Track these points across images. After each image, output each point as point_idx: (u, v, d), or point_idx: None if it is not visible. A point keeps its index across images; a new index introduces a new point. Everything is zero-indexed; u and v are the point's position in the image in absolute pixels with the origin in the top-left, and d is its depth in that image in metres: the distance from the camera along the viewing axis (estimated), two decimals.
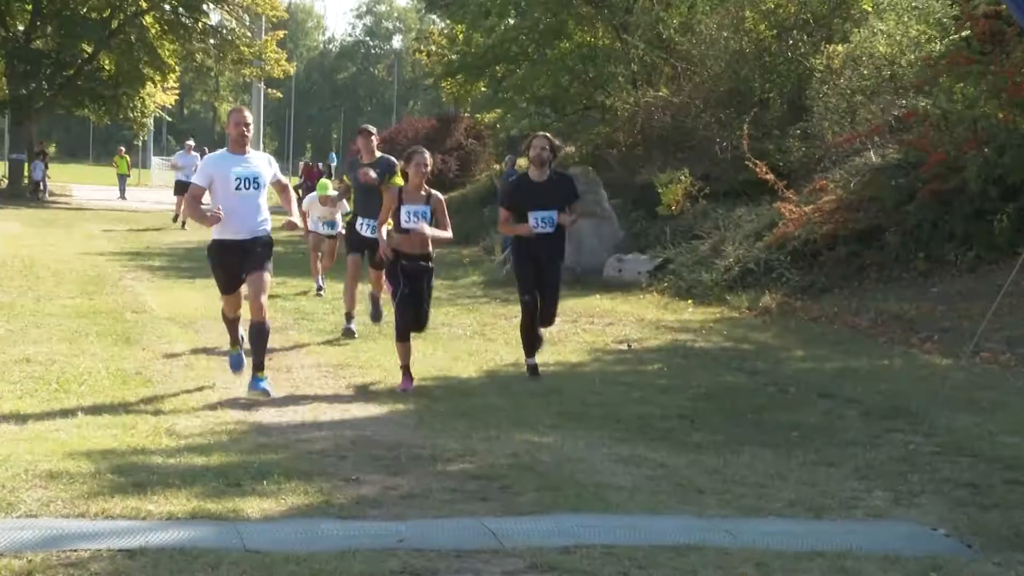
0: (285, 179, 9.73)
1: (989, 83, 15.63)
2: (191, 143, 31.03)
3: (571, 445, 7.99)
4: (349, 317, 12.80)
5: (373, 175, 12.24)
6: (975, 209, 15.43)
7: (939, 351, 12.37)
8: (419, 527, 5.92)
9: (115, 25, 42.08)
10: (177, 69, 45.84)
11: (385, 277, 10.36)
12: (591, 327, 14.21)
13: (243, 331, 9.85)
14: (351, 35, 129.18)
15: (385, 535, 5.73)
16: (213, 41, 44.66)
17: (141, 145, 71.27)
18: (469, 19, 32.50)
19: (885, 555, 5.76)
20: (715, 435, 8.57)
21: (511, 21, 31.99)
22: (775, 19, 24.02)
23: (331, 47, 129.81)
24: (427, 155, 10.12)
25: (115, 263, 20.14)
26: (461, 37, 36.17)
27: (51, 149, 51.31)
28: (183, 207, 22.17)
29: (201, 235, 27.47)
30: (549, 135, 11.17)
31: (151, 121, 55.86)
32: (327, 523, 5.97)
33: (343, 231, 15.07)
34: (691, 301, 16.83)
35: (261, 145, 50.96)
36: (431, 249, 10.07)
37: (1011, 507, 6.78)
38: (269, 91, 51.29)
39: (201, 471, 6.84)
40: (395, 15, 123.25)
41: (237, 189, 9.21)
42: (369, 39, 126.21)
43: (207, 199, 9.50)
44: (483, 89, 34.87)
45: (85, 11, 42.26)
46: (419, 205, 9.92)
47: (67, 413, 8.33)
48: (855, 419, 9.26)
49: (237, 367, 9.82)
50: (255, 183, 9.26)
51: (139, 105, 45.23)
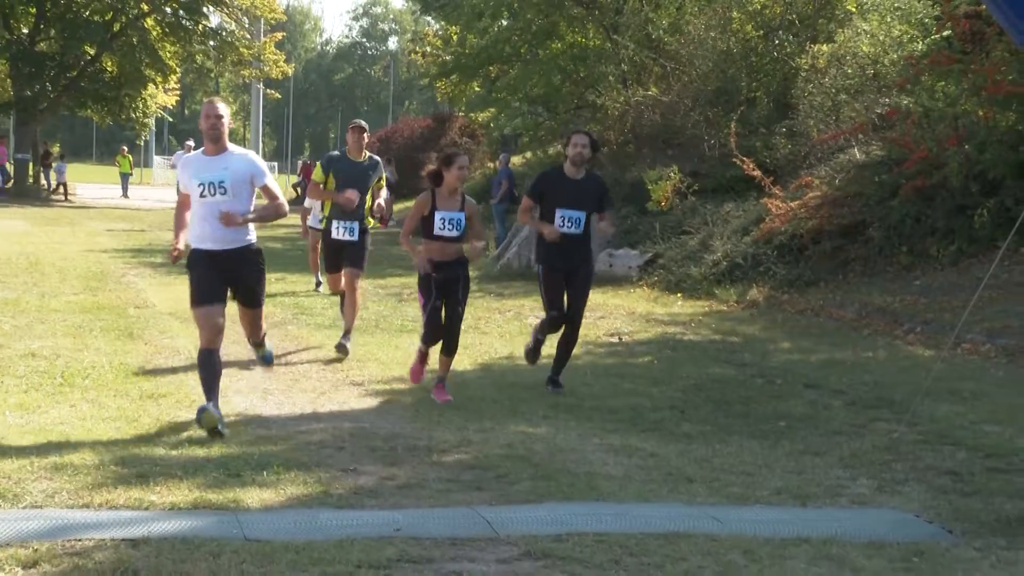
0: (276, 188, 8.18)
1: (970, 81, 15.65)
2: (191, 143, 30.99)
3: (564, 436, 8.00)
4: (346, 332, 11.29)
5: (355, 200, 10.97)
6: (956, 204, 15.46)
7: (922, 342, 12.41)
8: (415, 516, 5.92)
9: (117, 28, 42.03)
10: (178, 70, 45.82)
11: (419, 292, 9.28)
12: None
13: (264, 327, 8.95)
14: (348, 36, 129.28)
15: (382, 524, 5.73)
16: (213, 43, 44.67)
17: (143, 145, 71.43)
18: (463, 20, 32.53)
19: (869, 541, 5.78)
20: (704, 425, 8.59)
21: (504, 22, 31.97)
22: (761, 20, 24.08)
23: (328, 48, 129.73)
24: (466, 158, 9.20)
25: (118, 260, 20.09)
26: (455, 38, 36.21)
27: (55, 149, 51.12)
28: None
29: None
30: (591, 132, 10.21)
31: (153, 121, 55.90)
32: (326, 513, 5.97)
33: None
34: (680, 295, 16.86)
35: (260, 144, 50.80)
36: (465, 253, 9.19)
37: (991, 494, 6.80)
38: (268, 91, 51.21)
39: (202, 462, 6.84)
40: (391, 17, 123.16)
41: (202, 196, 7.81)
42: (365, 40, 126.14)
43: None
44: (477, 89, 34.89)
45: (88, 14, 42.25)
46: (454, 212, 8.95)
47: (71, 406, 8.32)
48: (840, 409, 9.29)
49: (268, 361, 9.28)
50: (222, 188, 7.78)
51: (141, 106, 45.22)
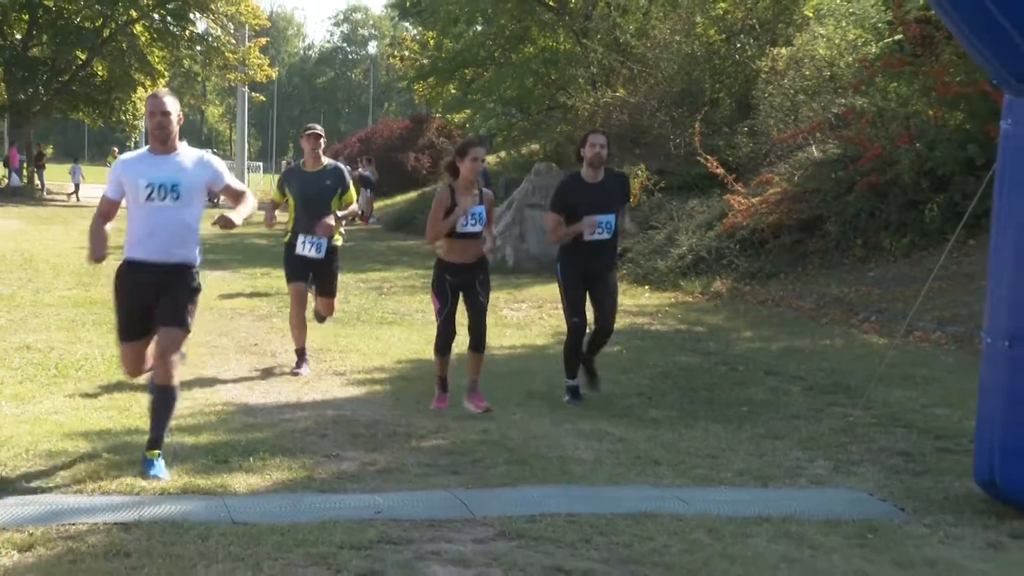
0: (238, 184, 6.96)
1: (920, 83, 15.73)
2: (184, 143, 30.75)
3: (537, 422, 8.00)
4: (301, 354, 9.90)
5: (330, 231, 9.77)
6: (908, 199, 15.55)
7: (876, 331, 12.47)
8: (395, 499, 5.92)
9: (107, 33, 41.79)
10: (166, 74, 45.57)
11: (432, 295, 8.61)
12: (556, 312, 14.15)
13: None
14: (329, 41, 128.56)
15: (364, 507, 5.72)
16: (200, 48, 44.49)
17: (133, 146, 70.60)
18: (439, 26, 32.52)
19: (826, 519, 5.80)
20: (670, 411, 8.61)
21: (479, 27, 31.97)
22: (724, 24, 24.14)
23: (311, 53, 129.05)
24: (482, 148, 8.37)
25: (110, 257, 19.92)
26: (432, 43, 36.16)
27: (49, 151, 50.76)
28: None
29: (202, 228, 27.39)
30: (605, 132, 9.45)
31: (142, 124, 55.46)
32: (309, 496, 5.96)
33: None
34: (648, 287, 16.90)
35: (245, 146, 50.57)
36: (484, 253, 8.48)
37: (941, 473, 6.85)
38: (253, 94, 51.05)
39: (191, 449, 6.81)
40: (370, 22, 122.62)
41: (149, 199, 6.52)
42: (346, 45, 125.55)
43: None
44: (453, 91, 34.84)
45: (79, 20, 42.00)
46: (473, 206, 8.26)
47: (65, 396, 8.28)
48: (799, 395, 9.32)
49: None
50: (174, 192, 6.53)
51: (131, 108, 45.04)
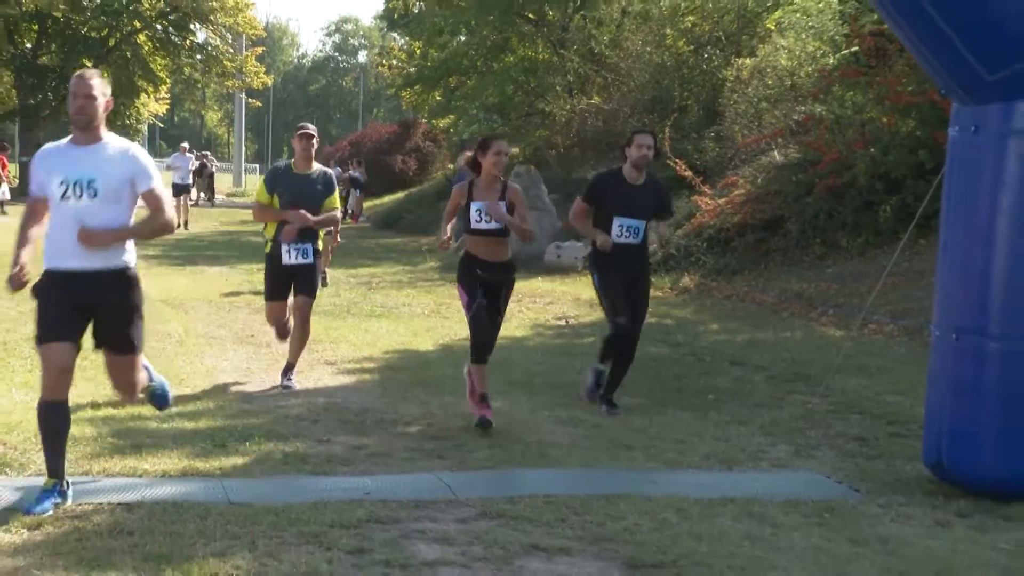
0: (162, 194, 5.55)
1: (874, 92, 15.78)
2: (186, 145, 30.54)
3: (517, 409, 8.01)
4: (288, 368, 8.77)
5: (307, 219, 8.37)
6: (864, 201, 15.59)
7: (833, 324, 12.50)
8: (383, 481, 5.91)
9: (112, 43, 41.55)
10: (168, 81, 45.39)
11: (458, 286, 7.54)
12: (534, 306, 14.22)
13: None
14: (322, 51, 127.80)
15: (353, 489, 5.72)
16: (200, 57, 44.26)
17: None
18: (425, 36, 32.54)
19: (787, 500, 5.83)
20: (641, 399, 8.62)
21: (462, 38, 31.92)
22: (692, 36, 24.18)
23: (304, 61, 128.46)
24: (505, 142, 7.52)
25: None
26: (418, 52, 36.08)
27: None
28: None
29: (202, 225, 27.23)
30: (653, 132, 8.63)
31: (145, 127, 55.20)
32: (302, 479, 5.96)
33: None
34: None
35: (243, 149, 50.39)
36: (511, 255, 7.53)
37: (893, 456, 6.89)
38: (250, 100, 50.96)
39: (191, 434, 6.79)
40: (360, 33, 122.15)
41: (64, 198, 5.37)
42: (338, 54, 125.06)
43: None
44: (438, 98, 34.75)
45: (86, 31, 41.72)
46: (492, 202, 7.31)
47: (71, 384, 8.21)
48: (762, 383, 9.35)
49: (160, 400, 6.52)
50: (91, 189, 5.32)
51: (134, 113, 44.80)
